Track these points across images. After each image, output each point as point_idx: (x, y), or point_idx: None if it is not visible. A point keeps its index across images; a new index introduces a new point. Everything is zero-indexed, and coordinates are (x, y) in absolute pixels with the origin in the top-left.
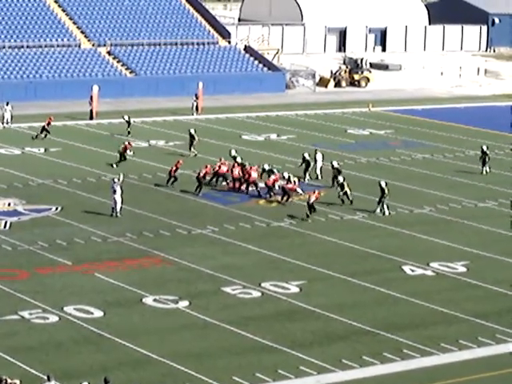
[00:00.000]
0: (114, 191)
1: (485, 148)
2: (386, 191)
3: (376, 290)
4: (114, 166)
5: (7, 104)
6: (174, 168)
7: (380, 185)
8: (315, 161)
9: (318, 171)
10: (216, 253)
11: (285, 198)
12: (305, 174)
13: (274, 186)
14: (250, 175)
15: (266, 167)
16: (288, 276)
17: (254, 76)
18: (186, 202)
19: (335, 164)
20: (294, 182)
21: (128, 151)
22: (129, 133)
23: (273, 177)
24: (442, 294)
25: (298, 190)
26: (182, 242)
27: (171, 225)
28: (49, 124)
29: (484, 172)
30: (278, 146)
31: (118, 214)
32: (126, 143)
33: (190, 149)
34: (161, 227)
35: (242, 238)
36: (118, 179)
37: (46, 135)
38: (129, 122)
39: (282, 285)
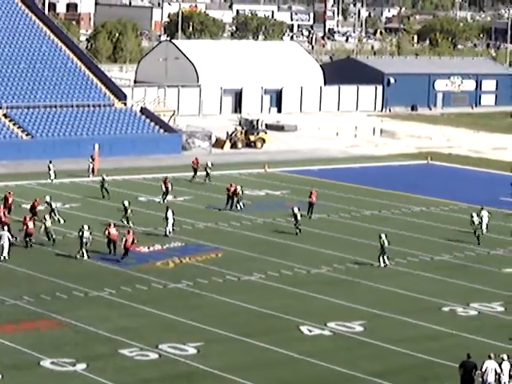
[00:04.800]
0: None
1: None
2: (386, 244)
3: (274, 351)
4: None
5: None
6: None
7: (380, 237)
8: (166, 219)
9: (170, 227)
10: (113, 315)
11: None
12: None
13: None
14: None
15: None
16: (185, 337)
17: (150, 137)
18: (83, 264)
19: None
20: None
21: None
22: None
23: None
24: (339, 354)
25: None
26: (79, 305)
27: (68, 287)
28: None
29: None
30: (175, 207)
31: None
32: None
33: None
34: (57, 290)
35: (138, 299)
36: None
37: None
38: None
39: (180, 346)
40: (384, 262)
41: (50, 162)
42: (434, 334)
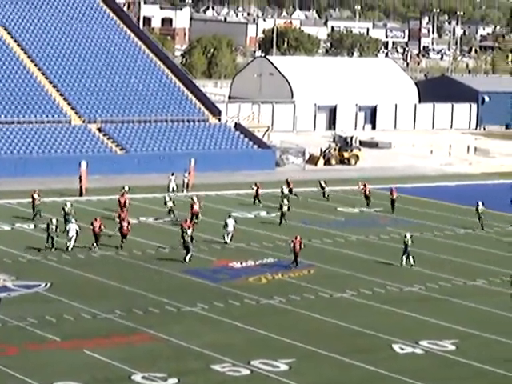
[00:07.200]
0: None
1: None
2: (410, 243)
3: (365, 369)
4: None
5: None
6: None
7: (405, 236)
8: (225, 225)
9: (230, 236)
10: (205, 330)
11: None
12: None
13: None
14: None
15: None
16: (277, 354)
17: (244, 153)
18: (176, 279)
19: None
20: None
21: None
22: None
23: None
24: (431, 372)
25: None
26: (172, 320)
27: (160, 302)
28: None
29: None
30: (268, 223)
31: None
32: None
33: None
34: (150, 304)
35: (231, 315)
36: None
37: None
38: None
39: (272, 363)
40: (407, 262)
41: (172, 174)
42: None
